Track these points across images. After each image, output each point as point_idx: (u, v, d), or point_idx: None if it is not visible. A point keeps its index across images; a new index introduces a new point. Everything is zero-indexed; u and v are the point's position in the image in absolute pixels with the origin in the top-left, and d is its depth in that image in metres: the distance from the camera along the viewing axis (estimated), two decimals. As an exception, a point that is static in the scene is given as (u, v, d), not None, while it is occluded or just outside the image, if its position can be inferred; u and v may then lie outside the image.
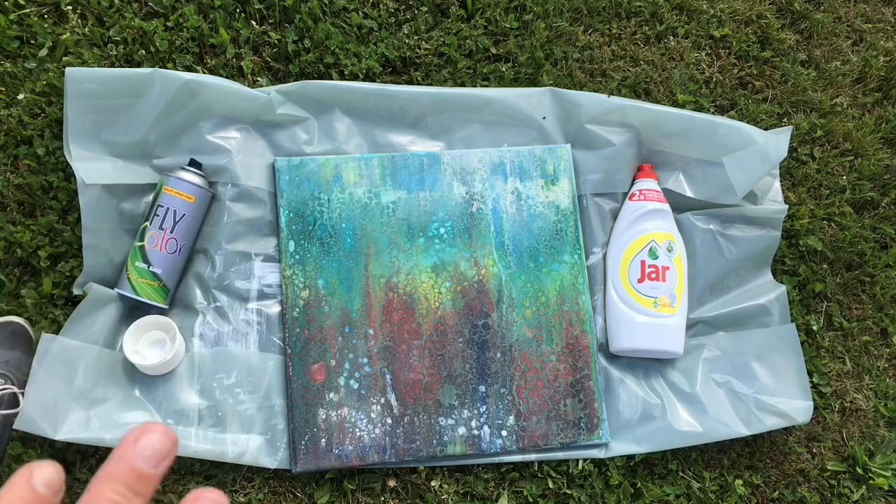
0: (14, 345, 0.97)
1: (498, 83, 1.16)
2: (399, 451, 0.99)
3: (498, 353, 1.04)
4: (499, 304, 1.05)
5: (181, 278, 1.03)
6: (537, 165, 1.11)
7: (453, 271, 1.05)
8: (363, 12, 1.15)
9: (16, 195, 1.03)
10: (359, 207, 1.05)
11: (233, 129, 1.06)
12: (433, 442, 1.00)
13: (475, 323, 1.04)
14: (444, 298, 1.04)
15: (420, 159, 1.08)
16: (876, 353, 1.18)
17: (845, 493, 1.11)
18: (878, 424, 1.15)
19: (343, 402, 1.00)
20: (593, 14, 1.22)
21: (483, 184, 1.09)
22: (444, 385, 1.02)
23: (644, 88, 1.20)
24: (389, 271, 1.04)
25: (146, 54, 1.08)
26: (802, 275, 1.18)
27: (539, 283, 1.07)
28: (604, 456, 1.04)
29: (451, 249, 1.06)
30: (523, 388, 1.03)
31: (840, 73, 1.28)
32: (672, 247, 1.10)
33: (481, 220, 1.08)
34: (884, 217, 1.23)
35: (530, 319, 1.06)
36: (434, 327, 1.03)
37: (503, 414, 1.02)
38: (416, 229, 1.06)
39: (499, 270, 1.06)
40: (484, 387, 1.03)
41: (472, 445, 1.01)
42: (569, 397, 1.04)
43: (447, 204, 1.07)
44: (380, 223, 1.05)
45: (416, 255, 1.05)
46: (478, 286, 1.06)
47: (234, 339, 1.02)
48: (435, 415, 1.01)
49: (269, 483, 0.99)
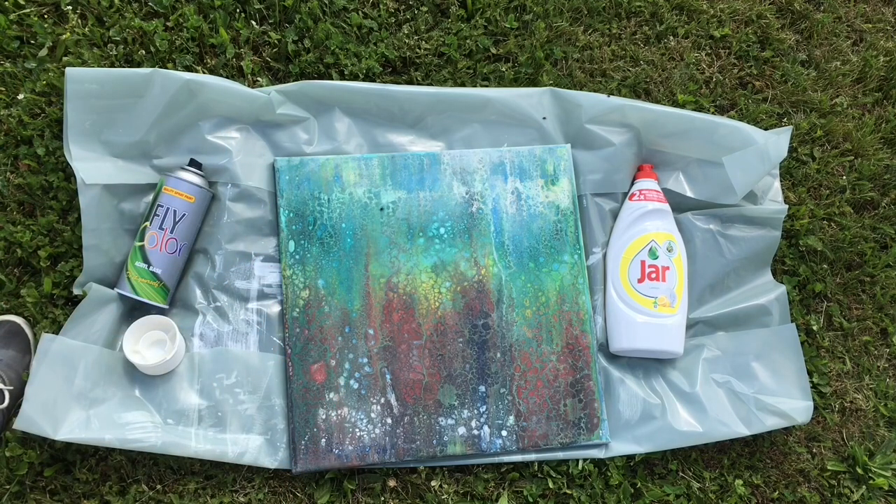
0: (9, 343, 0.97)
1: (498, 83, 1.16)
2: (399, 451, 0.99)
3: (498, 353, 1.04)
4: (499, 303, 1.05)
5: (181, 278, 1.03)
6: (537, 165, 1.11)
7: (453, 271, 1.05)
8: (363, 12, 1.15)
9: (16, 195, 1.03)
10: (359, 207, 1.06)
11: (233, 129, 1.06)
12: (433, 442, 1.00)
13: (475, 323, 1.04)
14: (444, 298, 1.05)
15: (420, 159, 1.08)
16: (876, 353, 1.18)
17: (845, 493, 1.11)
18: (878, 424, 1.15)
19: (343, 402, 1.00)
20: (593, 14, 1.22)
21: (483, 184, 1.09)
22: (444, 385, 1.02)
23: (644, 88, 1.20)
24: (389, 271, 1.04)
25: (146, 54, 1.08)
26: (802, 275, 1.18)
27: (539, 283, 1.07)
28: (604, 456, 1.04)
29: (451, 249, 1.06)
30: (523, 388, 1.03)
31: (840, 73, 1.28)
32: (672, 247, 1.10)
33: (481, 220, 1.08)
34: (884, 217, 1.23)
35: (530, 319, 1.06)
36: (434, 327, 1.03)
37: (503, 414, 1.02)
38: (416, 229, 1.06)
39: (499, 270, 1.06)
40: (484, 387, 1.03)
41: (472, 445, 1.01)
42: (569, 397, 1.04)
43: (447, 204, 1.07)
44: (380, 223, 1.05)
45: (416, 255, 1.05)
46: (478, 286, 1.06)
47: (234, 340, 1.02)
48: (435, 415, 1.01)
49: (269, 483, 0.99)
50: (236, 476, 0.99)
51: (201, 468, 0.99)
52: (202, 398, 0.99)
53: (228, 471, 0.99)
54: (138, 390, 0.98)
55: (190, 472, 0.98)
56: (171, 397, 0.98)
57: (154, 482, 0.98)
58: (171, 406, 0.98)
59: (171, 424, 0.97)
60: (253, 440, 0.99)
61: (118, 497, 0.96)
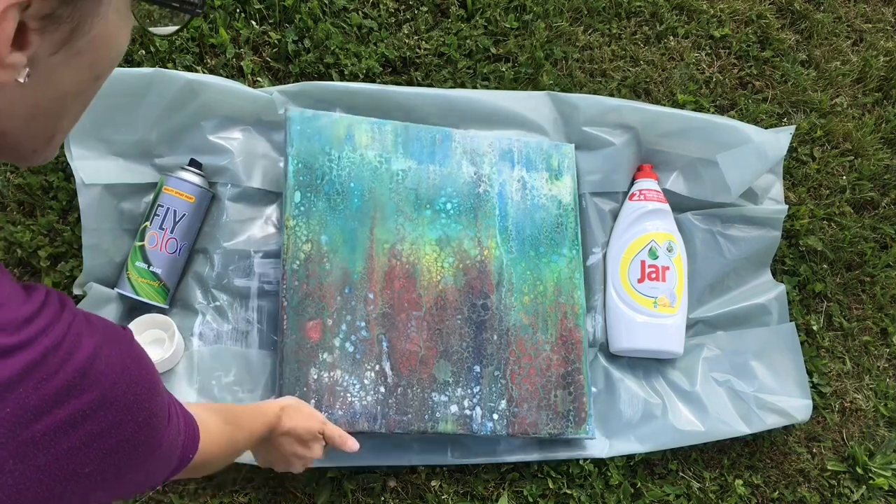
0: None
1: (498, 83, 1.16)
2: (390, 421, 0.97)
3: (495, 335, 1.04)
4: (498, 286, 1.05)
5: (181, 278, 1.03)
6: (543, 159, 1.11)
7: (457, 248, 1.05)
8: (363, 12, 1.16)
9: (16, 195, 1.04)
10: (369, 170, 1.04)
11: (234, 129, 1.06)
12: (425, 417, 0.99)
13: (474, 302, 1.04)
14: (445, 273, 1.04)
15: (433, 133, 1.08)
16: (876, 353, 1.18)
17: (845, 493, 1.11)
18: (878, 424, 1.15)
19: (337, 365, 0.97)
20: (593, 14, 1.22)
21: (491, 167, 1.09)
22: (439, 360, 1.01)
23: (644, 88, 1.20)
24: (394, 238, 1.03)
25: (146, 54, 1.08)
26: (802, 275, 1.18)
27: (538, 271, 1.07)
28: (604, 455, 1.04)
29: (457, 226, 1.06)
30: (517, 373, 1.03)
31: (840, 73, 1.28)
32: (672, 247, 1.10)
33: (487, 202, 1.08)
34: (884, 217, 1.23)
35: (528, 306, 1.06)
36: (434, 300, 1.03)
37: (496, 397, 1.02)
38: (424, 201, 1.05)
39: (501, 253, 1.06)
40: (479, 367, 1.02)
41: (463, 425, 1.00)
42: (559, 388, 1.04)
43: (455, 181, 1.07)
44: (388, 188, 1.04)
45: (421, 226, 1.04)
46: (479, 266, 1.05)
47: (233, 339, 1.02)
48: (429, 389, 1.00)
49: (268, 483, 0.99)
50: (236, 476, 0.99)
51: (201, 468, 0.99)
52: (201, 396, 0.99)
53: (228, 471, 0.99)
54: (138, 389, 0.98)
55: (190, 472, 0.98)
56: (170, 397, 0.98)
57: (154, 482, 0.98)
58: (170, 405, 0.98)
59: (171, 424, 0.97)
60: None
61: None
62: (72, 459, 0.42)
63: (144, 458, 0.49)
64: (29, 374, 0.39)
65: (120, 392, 0.44)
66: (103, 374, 0.43)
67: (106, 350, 0.44)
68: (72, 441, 0.42)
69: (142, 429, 0.47)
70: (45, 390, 0.40)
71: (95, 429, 0.43)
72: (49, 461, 0.41)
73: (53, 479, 0.42)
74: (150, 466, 0.51)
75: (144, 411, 0.47)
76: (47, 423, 0.40)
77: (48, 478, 0.41)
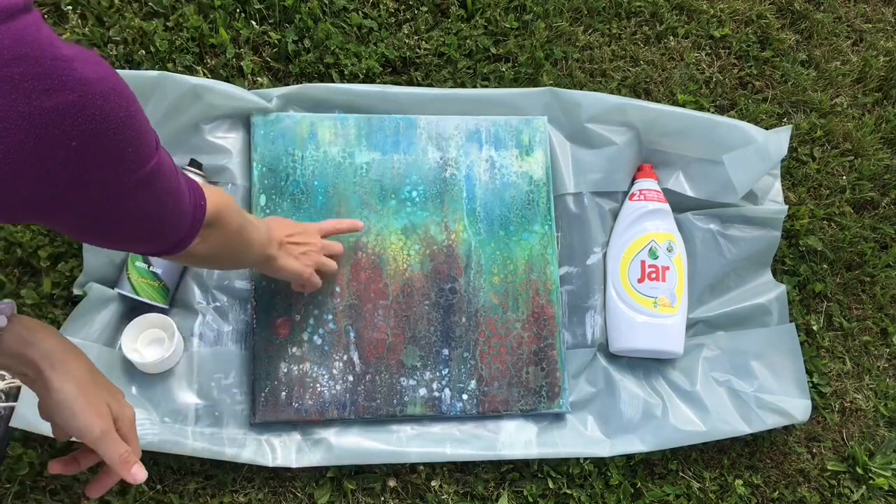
0: None
1: (498, 83, 1.16)
2: (359, 408, 1.00)
3: (463, 317, 1.04)
4: (467, 269, 1.06)
5: (181, 278, 1.03)
6: (513, 136, 1.11)
7: (423, 234, 1.06)
8: (363, 12, 1.16)
9: (16, 195, 1.03)
10: (332, 166, 1.06)
11: (234, 129, 1.06)
12: (393, 401, 1.01)
13: (442, 287, 1.05)
14: (412, 261, 1.05)
15: (396, 122, 1.09)
16: (876, 353, 1.18)
17: (845, 493, 1.11)
18: (878, 424, 1.15)
19: (305, 357, 1.00)
20: (593, 14, 1.22)
21: (458, 150, 1.09)
22: (407, 346, 1.02)
23: (644, 88, 1.20)
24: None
25: (146, 54, 1.08)
26: (802, 275, 1.18)
27: (508, 251, 1.07)
28: (604, 455, 1.04)
29: (423, 213, 1.06)
30: (486, 353, 1.04)
31: (840, 73, 1.28)
32: (672, 247, 1.10)
33: (454, 186, 1.08)
34: (884, 217, 1.23)
35: (497, 286, 1.06)
36: (401, 288, 1.04)
37: (465, 378, 1.03)
38: (389, 191, 1.06)
39: (469, 236, 1.07)
40: (447, 350, 1.03)
41: (432, 407, 1.01)
42: (531, 365, 1.05)
43: (420, 168, 1.08)
44: (352, 183, 1.06)
45: (386, 217, 1.05)
46: (447, 251, 1.06)
47: (234, 340, 1.02)
48: (397, 374, 1.01)
49: (269, 483, 0.99)
50: (236, 476, 0.99)
51: (201, 468, 0.99)
52: (200, 397, 0.99)
53: (228, 471, 0.99)
54: (136, 388, 0.98)
55: (190, 472, 0.98)
56: (168, 396, 0.98)
57: (154, 482, 0.98)
58: (168, 405, 0.98)
59: (168, 423, 0.97)
60: (250, 439, 0.99)
61: (118, 497, 0.96)
62: (48, 130, 0.45)
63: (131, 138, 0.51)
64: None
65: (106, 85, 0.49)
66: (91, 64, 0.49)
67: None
68: (53, 103, 0.45)
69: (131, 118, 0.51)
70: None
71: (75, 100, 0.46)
72: (32, 111, 0.44)
73: (36, 131, 0.44)
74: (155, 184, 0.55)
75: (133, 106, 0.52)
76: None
77: (29, 125, 0.44)
